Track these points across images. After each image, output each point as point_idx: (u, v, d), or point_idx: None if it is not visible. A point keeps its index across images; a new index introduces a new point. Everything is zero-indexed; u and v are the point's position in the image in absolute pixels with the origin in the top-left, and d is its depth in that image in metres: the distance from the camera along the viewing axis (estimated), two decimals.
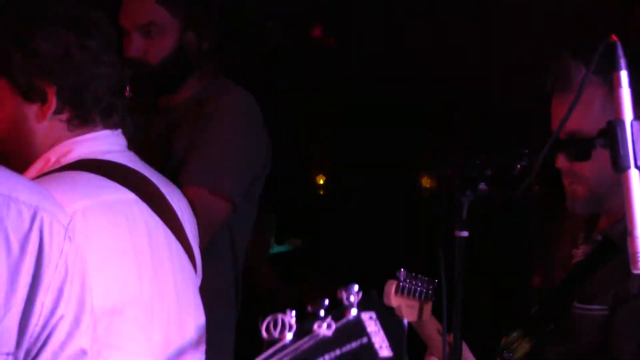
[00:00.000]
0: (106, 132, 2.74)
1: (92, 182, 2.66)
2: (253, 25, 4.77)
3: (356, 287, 1.87)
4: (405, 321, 1.91)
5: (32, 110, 2.66)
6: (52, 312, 2.12)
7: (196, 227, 2.92)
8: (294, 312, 1.83)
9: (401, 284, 2.86)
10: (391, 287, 2.86)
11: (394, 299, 2.87)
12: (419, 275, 2.89)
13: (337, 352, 1.83)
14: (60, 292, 2.13)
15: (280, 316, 1.82)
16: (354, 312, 1.85)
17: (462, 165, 2.77)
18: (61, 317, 2.13)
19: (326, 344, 1.83)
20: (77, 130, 2.69)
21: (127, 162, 2.77)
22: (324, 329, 1.82)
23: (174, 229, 2.76)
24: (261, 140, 3.71)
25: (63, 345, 2.12)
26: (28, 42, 2.61)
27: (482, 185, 2.76)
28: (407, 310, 2.90)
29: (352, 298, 1.86)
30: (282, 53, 5.02)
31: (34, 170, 2.68)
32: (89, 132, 2.71)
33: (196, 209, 2.98)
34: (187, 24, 3.64)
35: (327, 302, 1.85)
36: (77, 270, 2.18)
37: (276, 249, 5.57)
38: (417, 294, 2.89)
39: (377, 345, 1.86)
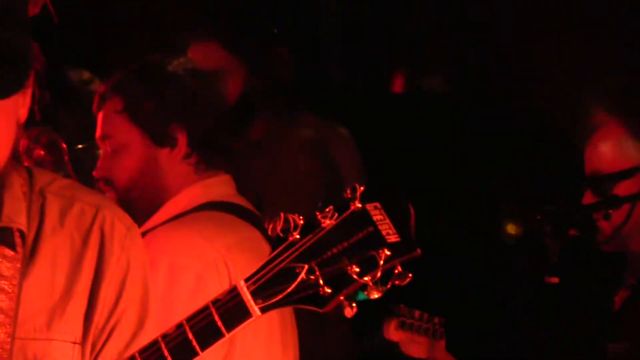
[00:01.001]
0: (227, 177, 2.93)
1: (231, 220, 2.87)
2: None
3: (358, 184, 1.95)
4: (411, 210, 1.95)
5: (162, 154, 2.88)
6: (115, 303, 2.24)
7: None
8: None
9: (400, 319, 2.88)
10: (390, 322, 2.90)
11: (394, 333, 2.92)
12: (421, 312, 2.89)
13: (345, 244, 1.92)
14: (122, 285, 2.25)
15: (287, 215, 1.95)
16: (358, 204, 1.94)
17: (552, 210, 2.75)
18: (124, 311, 2.25)
19: (333, 237, 1.93)
20: (203, 173, 2.89)
21: (245, 205, 2.96)
22: (330, 222, 1.93)
23: None
24: (330, 168, 3.76)
25: (127, 346, 2.22)
26: (159, 92, 2.84)
27: (572, 231, 2.74)
28: (414, 346, 2.94)
29: (355, 191, 1.95)
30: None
31: (165, 211, 2.89)
32: (213, 175, 2.91)
33: None
34: (252, 67, 3.77)
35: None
36: (140, 273, 2.29)
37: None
38: (422, 331, 2.91)
39: (384, 232, 1.92)
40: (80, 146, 3.61)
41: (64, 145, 3.42)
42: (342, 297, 1.92)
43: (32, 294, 2.17)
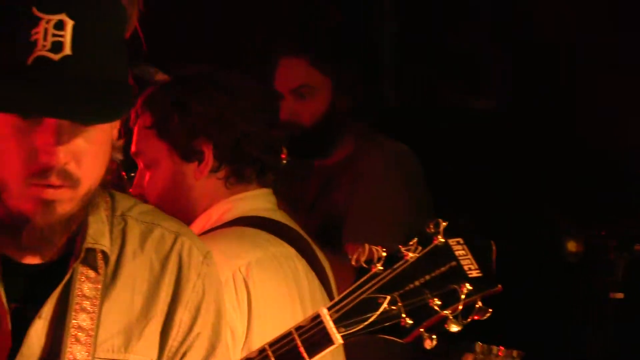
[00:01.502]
0: (262, 191, 2.90)
1: (259, 236, 2.83)
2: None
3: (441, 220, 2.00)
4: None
5: (190, 169, 2.85)
6: (190, 328, 2.28)
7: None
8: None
9: (476, 356, 2.88)
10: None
11: None
12: (500, 347, 2.88)
13: (427, 277, 1.97)
14: (197, 310, 2.28)
15: (371, 247, 1.99)
16: (441, 238, 1.99)
17: (617, 225, 2.76)
18: (197, 336, 2.28)
19: (416, 271, 1.98)
20: (233, 188, 2.86)
21: (282, 220, 2.93)
22: (413, 255, 1.97)
23: (324, 285, 2.88)
24: (417, 193, 3.77)
25: None
26: (185, 106, 2.83)
27: (638, 246, 2.75)
28: None
29: (438, 226, 1.99)
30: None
31: (196, 227, 2.86)
32: (245, 190, 2.87)
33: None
34: (338, 84, 3.78)
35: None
36: (214, 299, 2.32)
37: None
38: None
39: (466, 267, 1.97)
40: (133, 174, 3.63)
41: (124, 173, 3.46)
42: (422, 329, 1.96)
43: (111, 314, 2.20)
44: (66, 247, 2.17)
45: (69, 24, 1.94)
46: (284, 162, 3.02)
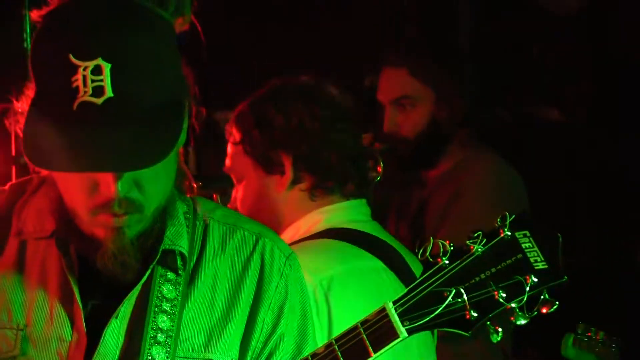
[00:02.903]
0: (352, 202, 2.90)
1: (345, 249, 2.83)
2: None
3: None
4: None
5: (273, 181, 2.89)
6: (273, 329, 2.30)
7: None
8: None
9: (579, 336, 2.81)
10: (567, 339, 2.83)
11: (570, 350, 2.82)
12: (600, 331, 2.81)
13: (492, 269, 1.97)
14: (280, 311, 2.31)
15: (437, 240, 2.00)
16: (507, 231, 1.98)
17: None
18: (281, 337, 2.30)
19: (481, 263, 1.98)
20: (319, 199, 2.88)
21: (373, 232, 2.92)
22: (479, 249, 1.97)
23: None
24: (516, 206, 3.70)
25: None
26: (265, 120, 2.88)
27: None
28: None
29: (505, 220, 1.99)
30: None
31: (285, 238, 2.81)
32: (332, 201, 2.88)
33: None
34: (439, 95, 3.75)
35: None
36: (299, 300, 2.34)
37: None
38: (596, 349, 2.84)
39: (532, 260, 1.96)
40: (200, 183, 3.68)
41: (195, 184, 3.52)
42: (487, 322, 1.95)
43: (192, 314, 2.25)
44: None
45: (106, 67, 1.99)
46: (377, 173, 3.06)
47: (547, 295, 1.94)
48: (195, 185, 2.97)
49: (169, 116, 2.07)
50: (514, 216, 1.99)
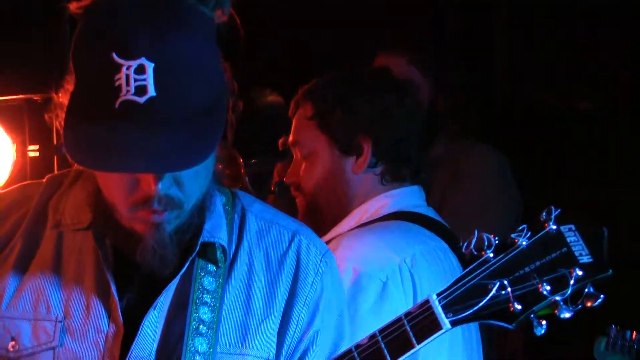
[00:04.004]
0: (414, 188, 2.95)
1: (418, 230, 2.89)
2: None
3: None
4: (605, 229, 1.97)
5: (348, 162, 2.92)
6: (308, 326, 2.30)
7: None
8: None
9: (611, 339, 2.81)
10: (600, 342, 2.83)
11: (603, 353, 2.83)
12: (632, 331, 2.81)
13: (537, 262, 1.97)
14: (316, 308, 2.31)
15: (481, 234, 2.00)
16: (552, 225, 1.97)
17: None
18: (317, 334, 2.30)
19: (526, 257, 1.97)
20: (388, 184, 2.92)
21: (433, 216, 2.98)
22: (524, 242, 1.97)
23: None
24: (510, 197, 3.78)
25: None
26: (348, 101, 2.90)
27: None
28: None
29: (550, 213, 1.98)
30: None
31: (353, 219, 2.93)
32: (399, 186, 2.93)
33: None
34: (436, 85, 3.79)
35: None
36: (335, 298, 2.35)
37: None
38: (630, 352, 2.84)
39: (577, 253, 1.96)
40: (254, 161, 3.70)
41: (241, 160, 3.54)
42: (531, 315, 1.95)
43: (229, 309, 2.26)
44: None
45: (149, 67, 2.00)
46: None
47: (592, 289, 1.94)
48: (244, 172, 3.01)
49: (210, 115, 2.07)
50: (559, 210, 1.99)
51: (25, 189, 2.39)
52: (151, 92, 2.00)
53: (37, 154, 3.78)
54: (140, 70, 1.99)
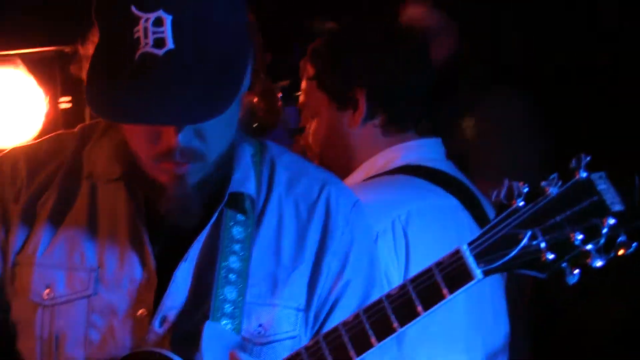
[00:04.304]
0: (429, 140, 2.96)
1: (422, 185, 2.88)
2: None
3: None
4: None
5: (346, 117, 2.95)
6: (339, 276, 2.31)
7: None
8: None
9: None
10: None
11: None
12: None
13: (568, 211, 1.96)
14: (346, 258, 2.32)
15: (511, 182, 1.99)
16: (583, 173, 1.96)
17: None
18: (348, 283, 2.31)
19: (557, 205, 1.96)
20: (392, 136, 2.93)
21: (449, 170, 2.96)
22: (554, 190, 1.96)
23: None
24: (530, 143, 3.76)
25: None
26: (340, 56, 2.91)
27: None
28: None
29: (581, 161, 1.97)
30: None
31: (362, 172, 2.94)
32: (406, 139, 2.93)
33: None
34: (462, 31, 3.79)
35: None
36: (366, 247, 2.36)
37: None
38: None
39: (608, 202, 1.94)
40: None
41: (279, 93, 3.55)
42: (563, 264, 1.95)
43: (258, 259, 2.28)
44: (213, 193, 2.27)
45: (167, 19, 2.02)
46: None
47: (624, 237, 1.93)
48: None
49: (230, 68, 2.08)
50: (589, 157, 1.98)
51: (58, 139, 2.43)
52: (169, 44, 2.02)
53: (69, 105, 3.83)
54: (159, 22, 2.01)
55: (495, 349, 2.92)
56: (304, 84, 3.03)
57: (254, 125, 3.24)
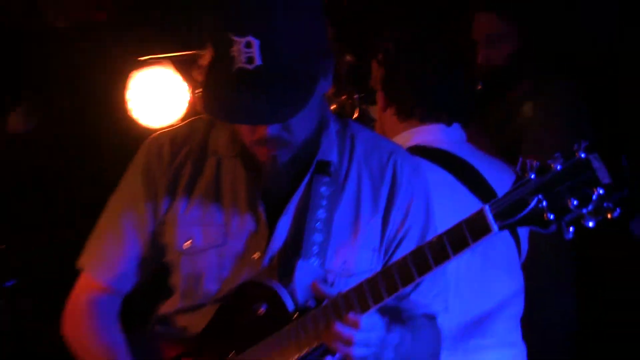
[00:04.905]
0: (440, 126, 3.57)
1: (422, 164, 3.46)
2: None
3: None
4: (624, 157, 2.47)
5: (379, 105, 3.66)
6: (401, 224, 2.94)
7: None
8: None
9: None
10: None
11: None
12: None
13: (568, 183, 2.49)
14: (407, 210, 2.94)
15: (525, 159, 2.54)
16: (582, 154, 2.49)
17: None
18: (408, 230, 2.94)
19: (560, 178, 2.50)
20: (406, 122, 3.58)
21: (454, 150, 3.54)
22: (558, 166, 2.50)
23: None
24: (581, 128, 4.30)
25: None
26: (368, 53, 3.64)
27: None
28: None
29: (580, 144, 2.50)
30: None
31: None
32: (419, 124, 3.57)
33: None
34: (521, 33, 4.42)
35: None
36: (423, 202, 2.96)
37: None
38: None
39: (600, 176, 2.46)
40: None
41: (355, 96, 4.26)
42: (561, 222, 2.48)
43: (342, 211, 2.93)
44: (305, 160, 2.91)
45: (255, 43, 2.63)
46: (472, 100, 3.68)
47: (610, 204, 2.45)
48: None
49: (305, 79, 2.69)
50: (588, 142, 2.50)
51: (192, 124, 3.09)
52: (258, 61, 2.64)
53: None
54: (249, 45, 2.63)
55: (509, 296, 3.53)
56: None
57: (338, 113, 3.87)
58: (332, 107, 4.22)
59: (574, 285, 4.42)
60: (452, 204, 3.26)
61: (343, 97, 4.19)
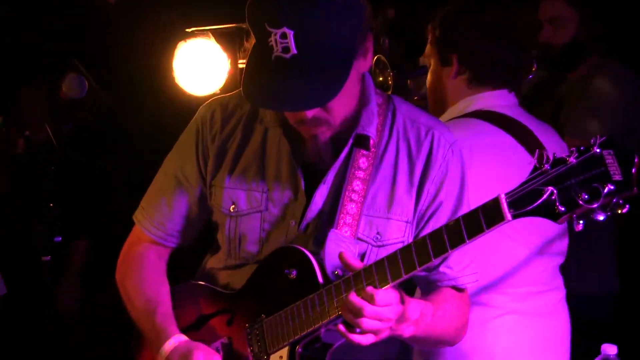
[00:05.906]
0: (501, 92, 3.69)
1: (483, 127, 3.61)
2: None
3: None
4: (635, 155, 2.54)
5: (445, 71, 3.74)
6: (435, 197, 3.04)
7: None
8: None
9: None
10: None
11: None
12: None
13: (581, 177, 2.56)
14: (441, 184, 3.04)
15: (542, 152, 2.62)
16: (597, 149, 2.56)
17: None
18: (440, 204, 3.04)
19: (574, 171, 2.57)
20: (474, 88, 3.70)
21: (513, 115, 3.68)
22: (573, 160, 2.58)
23: None
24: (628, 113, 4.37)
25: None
26: (441, 26, 3.71)
27: None
28: None
29: (597, 140, 2.58)
30: None
31: (448, 115, 3.72)
32: (483, 90, 3.69)
33: None
34: (583, 18, 4.50)
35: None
36: (458, 177, 3.06)
37: None
38: None
39: (611, 172, 2.53)
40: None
41: (392, 72, 4.38)
42: (571, 215, 2.57)
43: (378, 184, 3.05)
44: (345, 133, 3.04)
45: (290, 34, 2.76)
46: (531, 72, 3.95)
47: (620, 201, 2.52)
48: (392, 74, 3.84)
49: (337, 68, 2.80)
50: (604, 137, 2.57)
51: (242, 95, 3.18)
52: (293, 51, 2.77)
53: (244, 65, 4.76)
54: (284, 36, 2.77)
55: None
56: (428, 45, 3.83)
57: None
58: (378, 79, 4.35)
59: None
60: (513, 164, 3.43)
61: (387, 71, 4.32)
